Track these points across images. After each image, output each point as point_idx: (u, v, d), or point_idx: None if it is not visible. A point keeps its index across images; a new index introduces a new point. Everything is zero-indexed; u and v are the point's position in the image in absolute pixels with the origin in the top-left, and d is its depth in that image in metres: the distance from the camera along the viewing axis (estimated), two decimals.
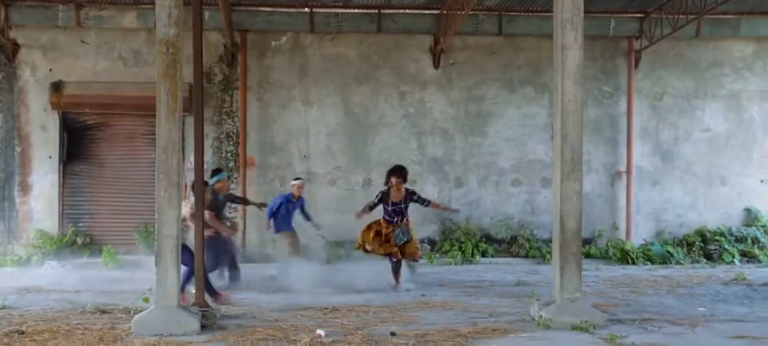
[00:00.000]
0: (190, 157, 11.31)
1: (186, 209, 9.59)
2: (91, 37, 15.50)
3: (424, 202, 11.79)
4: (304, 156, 15.86)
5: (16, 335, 8.14)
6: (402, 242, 11.58)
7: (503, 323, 8.81)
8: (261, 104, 15.80)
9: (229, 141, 15.73)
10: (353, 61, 16.03)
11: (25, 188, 15.40)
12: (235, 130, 15.71)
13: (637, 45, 16.24)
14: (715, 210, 16.49)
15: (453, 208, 14.25)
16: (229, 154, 15.72)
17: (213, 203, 11.07)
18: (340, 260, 14.21)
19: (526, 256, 15.62)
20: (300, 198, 13.41)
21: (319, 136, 15.93)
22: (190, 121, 10.21)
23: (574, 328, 8.45)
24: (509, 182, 16.23)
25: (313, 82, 15.93)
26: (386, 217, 11.71)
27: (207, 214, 10.25)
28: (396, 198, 11.57)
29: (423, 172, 15.95)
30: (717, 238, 15.88)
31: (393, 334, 8.17)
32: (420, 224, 15.15)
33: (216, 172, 12.02)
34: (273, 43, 15.89)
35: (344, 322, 8.84)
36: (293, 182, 13.52)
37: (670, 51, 16.34)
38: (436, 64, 16.04)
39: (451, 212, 14.22)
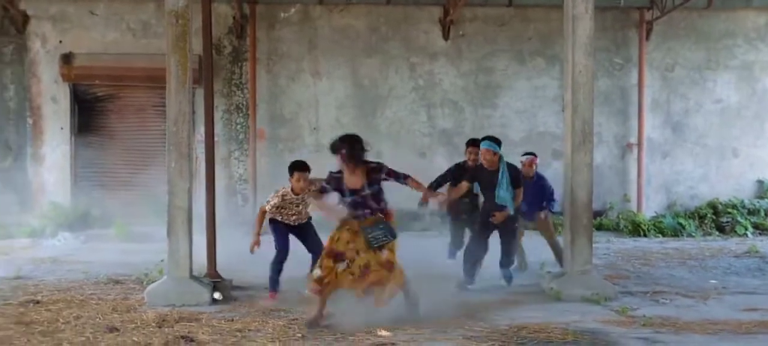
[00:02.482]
0: (201, 129, 11.30)
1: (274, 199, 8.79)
2: (100, 8, 15.47)
3: (399, 177, 7.72)
4: (314, 128, 15.85)
5: (32, 304, 8.26)
6: (378, 243, 7.48)
7: (514, 295, 8.83)
8: (270, 76, 15.77)
9: (238, 113, 15.72)
10: (362, 33, 15.96)
11: (37, 160, 15.46)
12: (244, 102, 15.69)
13: (648, 16, 16.10)
14: (727, 182, 16.41)
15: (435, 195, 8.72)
16: (238, 126, 15.72)
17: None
18: None
19: (536, 228, 15.56)
20: (535, 178, 10.57)
21: (329, 108, 15.90)
22: (200, 93, 10.21)
23: (585, 300, 8.48)
24: (519, 154, 16.06)
25: (322, 54, 15.87)
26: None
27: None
28: (353, 184, 7.68)
29: (432, 144, 15.92)
30: (729, 210, 15.78)
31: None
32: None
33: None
34: (282, 14, 15.82)
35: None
36: (521, 158, 10.73)
37: (681, 22, 16.20)
38: (446, 36, 15.95)
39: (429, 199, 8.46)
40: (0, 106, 15.33)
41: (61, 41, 15.35)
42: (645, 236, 15.04)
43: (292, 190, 8.80)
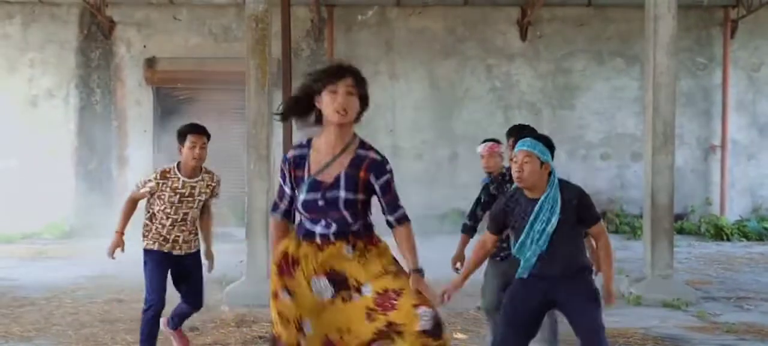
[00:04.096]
0: (279, 131, 11.47)
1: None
2: (182, 13, 15.84)
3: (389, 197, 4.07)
4: (391, 130, 15.89)
5: (115, 302, 8.50)
6: None
7: None
8: None
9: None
10: (439, 35, 15.94)
11: (121, 162, 15.91)
12: None
13: (733, 14, 15.67)
14: None
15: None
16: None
17: None
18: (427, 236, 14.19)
19: (616, 231, 15.30)
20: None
21: (406, 110, 15.93)
22: (279, 95, 10.36)
23: (666, 305, 8.31)
24: (598, 156, 15.93)
25: (399, 56, 15.92)
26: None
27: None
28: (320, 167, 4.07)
29: None
30: None
31: (479, 308, 8.16)
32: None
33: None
34: (359, 17, 15.93)
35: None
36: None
37: None
38: (524, 37, 15.82)
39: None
40: (87, 109, 15.84)
41: (145, 46, 15.77)
42: (728, 240, 14.63)
43: (179, 167, 5.73)
